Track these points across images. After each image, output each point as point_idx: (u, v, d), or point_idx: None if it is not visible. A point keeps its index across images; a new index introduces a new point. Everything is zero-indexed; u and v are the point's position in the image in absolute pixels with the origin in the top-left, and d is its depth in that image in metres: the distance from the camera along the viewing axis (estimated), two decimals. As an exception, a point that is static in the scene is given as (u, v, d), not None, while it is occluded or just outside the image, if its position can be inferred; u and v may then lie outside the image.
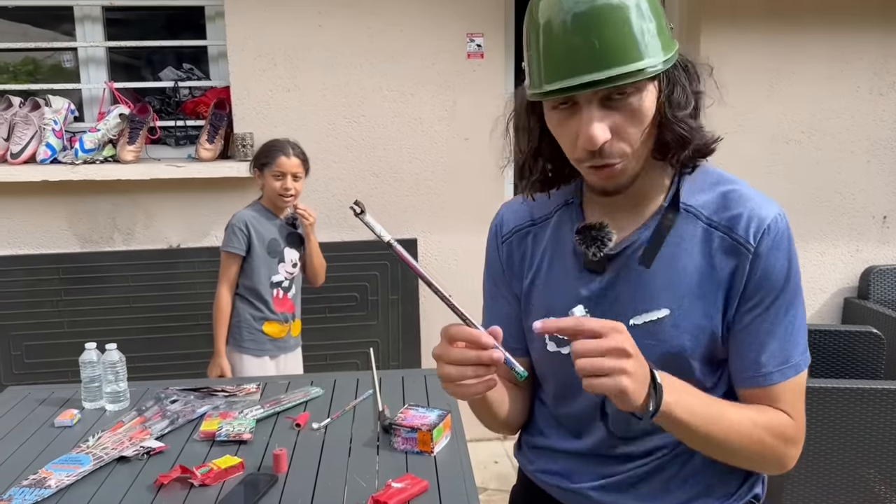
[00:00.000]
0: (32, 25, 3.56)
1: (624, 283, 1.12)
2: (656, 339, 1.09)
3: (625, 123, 1.00)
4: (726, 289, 1.07)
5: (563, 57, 0.97)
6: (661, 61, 0.99)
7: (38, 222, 3.39)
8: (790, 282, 1.07)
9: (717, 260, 1.07)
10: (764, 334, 1.08)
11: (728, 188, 1.10)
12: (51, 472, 1.81)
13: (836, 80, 3.67)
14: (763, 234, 1.05)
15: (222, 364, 2.80)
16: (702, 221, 1.09)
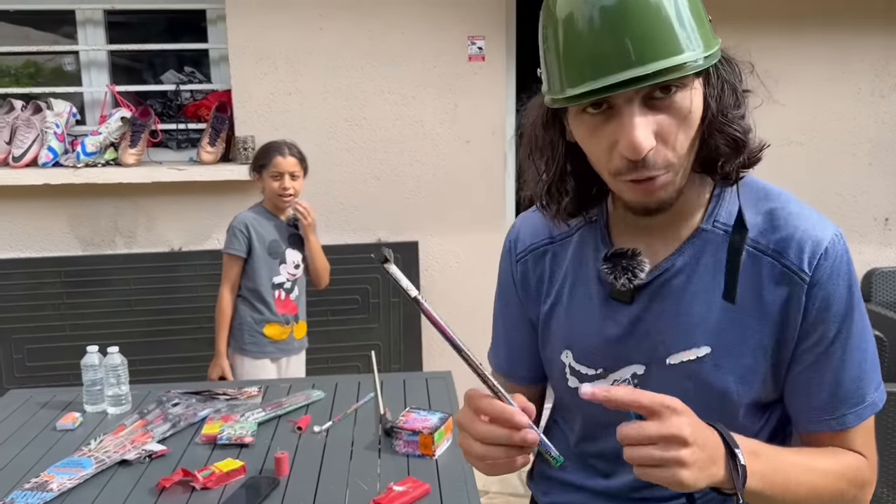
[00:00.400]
0: (34, 29, 3.57)
1: (657, 316, 0.98)
2: (696, 381, 0.96)
3: (671, 127, 0.85)
4: (779, 323, 0.94)
5: (592, 54, 0.82)
6: (705, 55, 0.85)
7: (39, 225, 3.39)
8: (854, 311, 0.94)
9: (766, 290, 0.93)
10: (833, 373, 0.94)
11: (775, 205, 0.97)
12: (53, 476, 1.81)
13: (837, 82, 3.67)
14: (820, 259, 0.92)
15: (223, 365, 2.80)
16: (747, 245, 0.94)
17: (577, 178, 0.99)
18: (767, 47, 3.61)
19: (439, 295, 3.60)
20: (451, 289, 3.64)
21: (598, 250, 1.02)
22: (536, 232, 1.11)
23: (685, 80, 0.85)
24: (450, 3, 3.43)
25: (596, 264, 1.02)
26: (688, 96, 0.86)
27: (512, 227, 1.16)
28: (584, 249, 1.05)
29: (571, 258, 1.07)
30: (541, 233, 1.11)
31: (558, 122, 0.96)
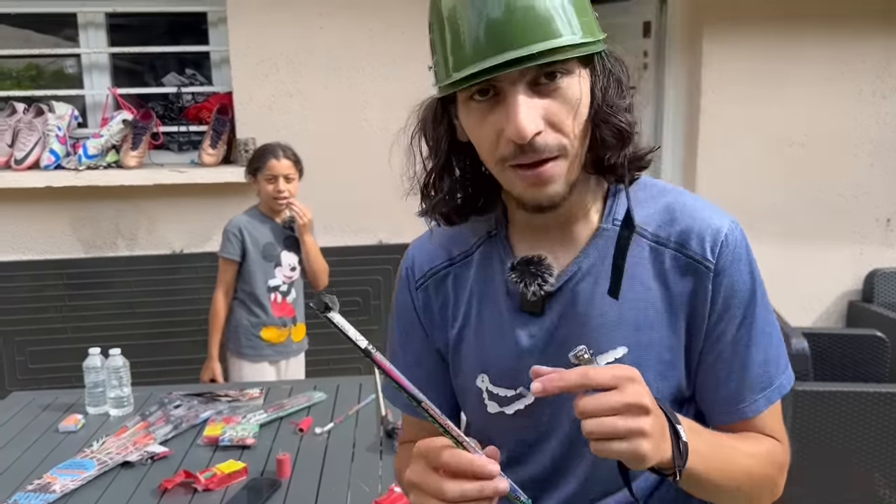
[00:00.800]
0: (35, 31, 3.57)
1: (570, 322, 0.95)
2: None
3: (560, 112, 0.84)
4: (689, 315, 0.93)
5: (476, 37, 0.82)
6: (587, 41, 0.85)
7: (42, 228, 3.39)
8: (757, 296, 0.94)
9: (671, 283, 0.93)
10: (741, 360, 0.94)
11: (670, 199, 0.96)
12: (55, 477, 1.82)
13: (838, 82, 3.67)
14: (721, 247, 0.92)
15: (214, 368, 2.81)
16: (647, 240, 0.94)
17: (464, 182, 0.97)
18: (768, 48, 3.61)
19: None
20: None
21: (503, 262, 0.98)
22: (434, 256, 1.05)
23: (570, 66, 0.84)
24: (451, 4, 3.43)
25: (503, 277, 0.98)
26: (574, 83, 0.85)
27: (406, 255, 1.09)
28: (488, 265, 1.01)
29: (475, 277, 1.02)
30: (439, 256, 1.05)
31: (447, 119, 0.95)
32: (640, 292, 0.93)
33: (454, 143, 0.95)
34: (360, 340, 0.80)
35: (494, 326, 0.99)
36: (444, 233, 1.05)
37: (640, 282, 0.93)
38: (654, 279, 0.93)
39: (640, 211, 0.94)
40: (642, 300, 0.93)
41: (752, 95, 3.65)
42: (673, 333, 0.94)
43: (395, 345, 1.10)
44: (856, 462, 2.79)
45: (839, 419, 2.77)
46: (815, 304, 3.88)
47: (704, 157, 3.68)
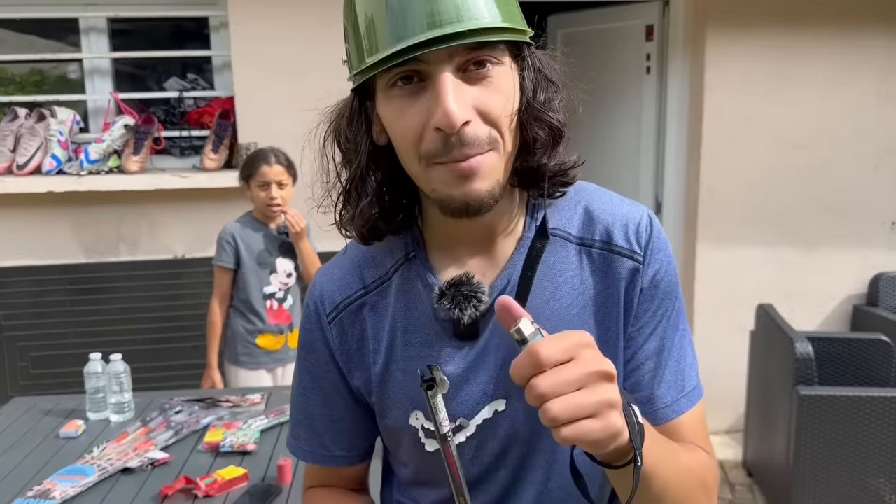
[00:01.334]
0: (39, 37, 3.58)
1: (507, 340, 0.86)
2: None
3: (491, 102, 0.77)
4: (624, 313, 0.89)
5: (400, 14, 0.75)
6: (515, 27, 0.78)
7: (43, 233, 3.39)
8: (677, 287, 0.91)
9: (603, 281, 0.89)
10: (658, 357, 0.89)
11: (588, 199, 0.92)
12: (55, 484, 1.81)
13: (842, 84, 3.66)
14: (646, 235, 0.89)
15: (214, 377, 2.80)
16: (572, 243, 0.90)
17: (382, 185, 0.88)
18: (771, 50, 3.60)
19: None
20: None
21: (429, 286, 0.90)
22: (345, 285, 0.95)
23: (500, 55, 0.78)
24: (452, 8, 3.43)
25: (428, 303, 0.89)
26: (506, 74, 0.79)
27: (312, 288, 0.98)
28: (409, 290, 0.92)
29: (396, 305, 0.92)
30: (351, 284, 0.95)
31: (364, 117, 0.87)
32: (573, 296, 0.88)
33: (372, 143, 0.86)
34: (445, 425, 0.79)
35: (424, 357, 0.90)
36: (353, 258, 0.96)
37: (571, 286, 0.89)
38: (586, 281, 0.89)
39: (561, 216, 0.91)
40: (577, 304, 0.88)
41: (756, 98, 3.64)
42: (611, 331, 0.89)
43: (301, 386, 0.99)
44: (861, 466, 2.77)
45: (844, 423, 2.76)
46: (819, 308, 3.87)
47: (707, 161, 3.67)
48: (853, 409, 2.74)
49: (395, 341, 0.92)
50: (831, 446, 2.78)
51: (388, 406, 0.93)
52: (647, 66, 3.86)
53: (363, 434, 1.00)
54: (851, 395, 2.74)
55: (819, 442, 2.78)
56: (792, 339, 2.83)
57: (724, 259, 3.76)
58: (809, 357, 2.78)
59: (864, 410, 2.74)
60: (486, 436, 0.89)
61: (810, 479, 2.81)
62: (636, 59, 3.91)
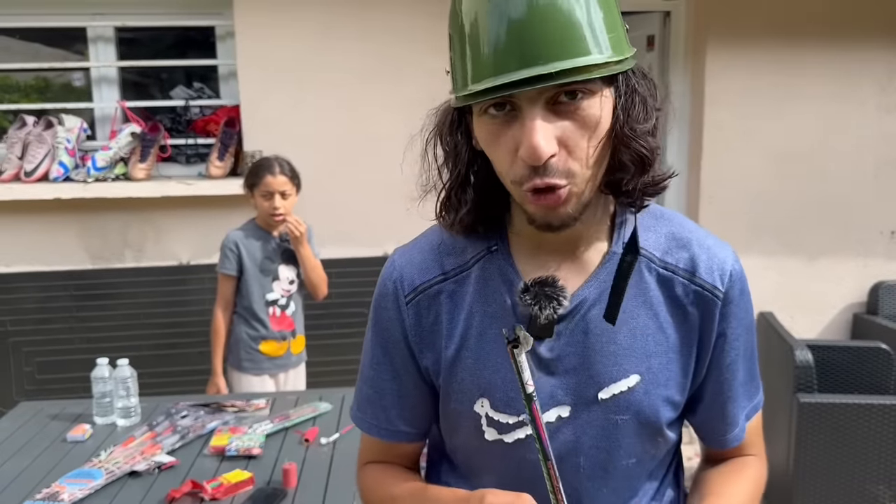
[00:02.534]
0: (44, 45, 3.61)
1: (582, 350, 0.91)
2: (630, 412, 0.92)
3: (575, 134, 0.81)
4: (698, 342, 0.93)
5: (496, 49, 0.78)
6: (615, 60, 0.80)
7: (50, 239, 3.42)
8: (752, 325, 0.98)
9: (682, 310, 0.92)
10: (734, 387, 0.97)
11: (675, 226, 0.95)
12: (63, 486, 1.83)
13: (842, 96, 3.69)
14: (730, 278, 0.93)
15: (219, 383, 2.82)
16: (655, 265, 0.93)
17: (478, 190, 0.92)
18: (772, 61, 3.63)
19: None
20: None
21: (509, 282, 0.93)
22: (424, 269, 0.98)
23: (592, 86, 0.80)
24: (456, 19, 3.46)
25: (510, 297, 0.92)
26: (596, 104, 0.81)
27: (389, 265, 1.01)
28: (489, 283, 0.94)
29: (475, 295, 0.95)
30: (430, 269, 0.97)
31: (464, 127, 0.91)
32: (650, 319, 0.92)
33: (471, 150, 0.91)
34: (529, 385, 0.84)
35: (498, 349, 0.93)
36: (434, 243, 0.99)
37: (650, 308, 0.92)
38: (664, 305, 0.92)
39: (647, 236, 0.93)
40: (653, 327, 0.92)
41: (756, 109, 3.67)
42: (683, 360, 0.93)
43: (373, 361, 1.02)
44: (861, 473, 2.79)
45: (844, 431, 2.77)
46: (819, 317, 3.89)
47: (708, 171, 3.70)
48: (853, 417, 2.76)
49: (470, 330, 0.94)
50: (831, 454, 2.79)
51: (454, 390, 0.96)
52: (648, 76, 3.89)
53: (426, 414, 1.03)
54: (851, 403, 2.76)
55: (819, 449, 2.79)
56: (792, 347, 2.85)
57: (724, 267, 3.78)
58: (809, 365, 2.80)
59: (863, 418, 2.76)
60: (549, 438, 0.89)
61: (810, 487, 2.82)
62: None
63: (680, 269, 0.93)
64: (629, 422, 0.92)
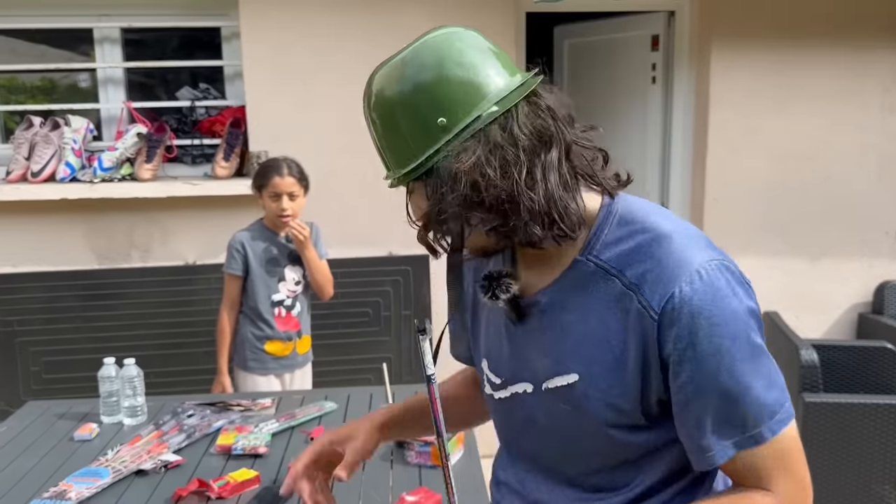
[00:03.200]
0: (50, 46, 3.63)
1: (537, 341, 1.03)
2: (570, 405, 1.00)
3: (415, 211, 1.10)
4: (641, 358, 0.93)
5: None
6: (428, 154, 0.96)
7: (57, 240, 3.44)
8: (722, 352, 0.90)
9: (629, 324, 0.93)
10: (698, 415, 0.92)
11: (647, 238, 0.95)
12: (71, 485, 1.84)
13: (845, 96, 3.69)
14: (670, 298, 0.90)
15: (224, 383, 2.83)
16: (615, 277, 0.95)
17: None
18: (776, 61, 3.63)
19: (450, 308, 3.63)
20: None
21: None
22: None
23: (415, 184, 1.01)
24: (460, 19, 3.46)
25: None
26: (414, 195, 1.06)
27: None
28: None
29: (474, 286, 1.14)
30: None
31: None
32: (599, 327, 0.96)
33: None
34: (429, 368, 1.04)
35: (492, 324, 1.12)
36: None
37: (602, 319, 0.96)
38: (618, 319, 0.94)
39: (615, 249, 0.96)
40: (600, 336, 0.96)
41: (761, 109, 3.67)
42: (623, 371, 0.95)
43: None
44: (866, 473, 2.78)
45: (849, 431, 2.77)
46: (825, 317, 3.88)
47: (713, 171, 3.70)
48: (858, 417, 2.76)
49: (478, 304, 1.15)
50: (836, 453, 2.79)
51: (474, 346, 1.20)
52: (652, 76, 3.89)
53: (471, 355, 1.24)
54: (856, 403, 2.76)
55: (824, 449, 2.79)
56: (797, 347, 2.85)
57: (729, 267, 3.78)
58: (815, 364, 2.80)
59: (869, 418, 2.75)
60: (515, 405, 1.09)
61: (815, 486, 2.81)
62: (642, 69, 3.95)
63: (633, 284, 0.93)
64: (572, 413, 1.00)
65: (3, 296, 3.35)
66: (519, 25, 3.59)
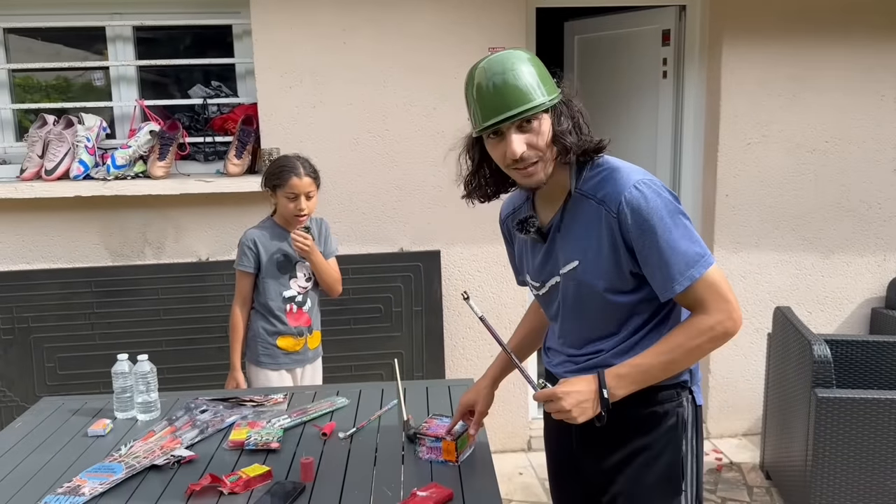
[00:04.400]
0: (65, 45, 3.66)
1: (555, 248, 1.69)
2: (575, 281, 1.66)
3: (533, 139, 1.55)
4: (614, 244, 1.57)
5: (488, 105, 1.54)
6: (548, 100, 1.54)
7: (71, 237, 3.47)
8: (657, 227, 1.52)
9: (604, 225, 1.58)
10: (659, 267, 1.54)
11: (608, 172, 1.60)
12: (84, 480, 1.86)
13: (859, 88, 3.66)
14: (621, 203, 1.54)
15: (237, 378, 2.84)
16: (593, 200, 1.60)
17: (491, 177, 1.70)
18: (788, 54, 3.61)
19: (460, 302, 3.63)
20: (473, 296, 3.66)
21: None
22: (508, 206, 1.89)
23: (537, 115, 1.54)
24: (471, 15, 3.47)
25: None
26: (542, 125, 1.55)
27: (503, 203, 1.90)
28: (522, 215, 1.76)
29: None
30: (509, 206, 1.88)
31: (479, 144, 1.66)
32: (586, 231, 1.62)
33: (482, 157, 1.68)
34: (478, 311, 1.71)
35: (528, 248, 1.79)
36: (514, 195, 1.84)
37: (587, 225, 1.62)
38: (595, 223, 1.60)
39: (592, 183, 1.62)
40: (588, 236, 1.62)
41: (773, 102, 3.65)
42: (607, 253, 1.59)
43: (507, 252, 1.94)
44: (879, 469, 2.77)
45: (862, 426, 2.76)
46: (837, 311, 3.86)
47: (724, 165, 3.68)
48: (871, 412, 2.75)
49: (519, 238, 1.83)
50: (849, 449, 2.78)
51: (521, 267, 1.87)
52: (663, 70, 3.88)
53: None
54: (869, 398, 2.74)
55: (837, 445, 2.78)
56: (810, 342, 2.83)
57: (741, 262, 3.77)
58: (827, 360, 2.79)
59: (882, 413, 2.74)
60: (550, 295, 1.76)
61: (828, 482, 2.81)
62: (653, 63, 3.93)
63: (602, 200, 1.59)
64: (577, 286, 1.66)
65: (18, 293, 3.38)
66: (529, 21, 3.59)
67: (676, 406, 1.70)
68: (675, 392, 1.70)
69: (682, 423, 1.71)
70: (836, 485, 2.81)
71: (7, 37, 3.53)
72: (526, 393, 3.77)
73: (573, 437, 1.81)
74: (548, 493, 3.35)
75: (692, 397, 1.73)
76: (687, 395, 1.72)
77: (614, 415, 1.59)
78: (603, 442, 1.73)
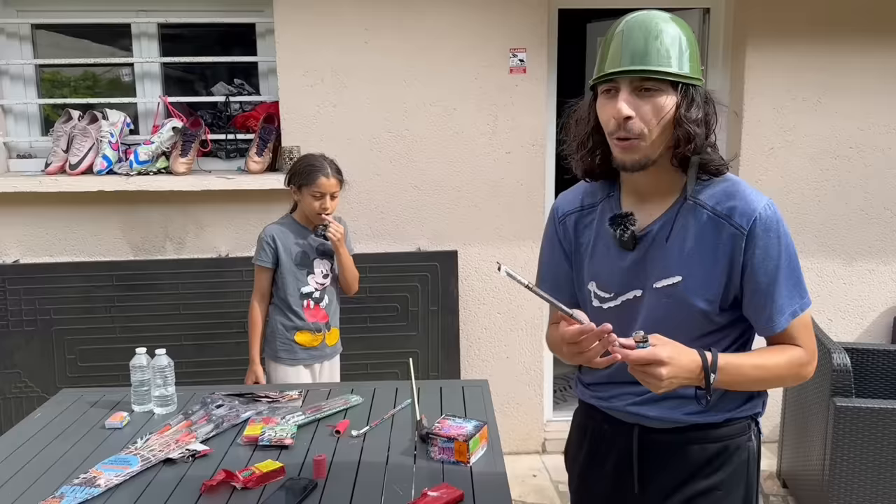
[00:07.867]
0: (92, 41, 3.70)
1: (649, 257, 1.49)
2: (671, 299, 1.46)
3: (647, 112, 1.36)
4: (730, 263, 1.42)
5: (615, 55, 1.38)
6: (682, 74, 1.37)
7: (93, 231, 3.51)
8: (782, 254, 1.42)
9: (719, 241, 1.43)
10: (770, 295, 1.42)
11: (729, 186, 1.45)
12: (100, 472, 1.88)
13: (883, 93, 3.61)
14: (754, 221, 1.40)
15: (257, 372, 2.87)
16: (707, 211, 1.44)
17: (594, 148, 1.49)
18: (812, 59, 3.57)
19: (477, 302, 3.63)
20: (489, 297, 3.66)
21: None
22: (571, 203, 1.64)
23: (662, 86, 1.37)
24: (493, 16, 3.47)
25: None
26: (663, 98, 1.37)
27: (555, 201, 1.69)
28: (605, 217, 1.55)
29: (597, 222, 1.58)
30: (574, 203, 1.63)
31: (593, 108, 1.47)
32: (699, 245, 1.44)
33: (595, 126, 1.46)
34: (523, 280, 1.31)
35: (604, 254, 1.55)
36: (581, 189, 1.63)
37: (700, 239, 1.44)
38: (708, 237, 1.43)
39: (705, 192, 1.46)
40: (697, 250, 1.44)
41: (796, 107, 3.61)
42: (720, 272, 1.43)
43: (546, 257, 1.69)
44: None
45: (881, 436, 2.73)
46: (858, 319, 3.81)
47: (747, 170, 3.65)
48: (891, 422, 2.71)
49: (590, 241, 1.59)
50: (867, 459, 2.75)
51: (580, 274, 1.61)
52: (687, 73, 3.84)
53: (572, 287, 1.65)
54: (889, 408, 2.71)
55: (855, 454, 2.75)
56: (830, 350, 2.80)
57: (762, 268, 3.73)
58: (847, 368, 2.76)
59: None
60: (624, 309, 1.53)
61: (846, 492, 2.78)
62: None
63: (723, 214, 1.43)
64: (672, 304, 1.46)
65: (41, 285, 3.43)
66: (552, 22, 3.58)
67: (747, 440, 1.55)
68: (746, 424, 1.55)
69: (753, 458, 1.57)
70: (853, 495, 2.78)
71: (35, 32, 3.58)
72: (542, 395, 3.77)
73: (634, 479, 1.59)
74: (561, 496, 3.34)
75: (758, 429, 1.60)
76: (755, 427, 1.58)
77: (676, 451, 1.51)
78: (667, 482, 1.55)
